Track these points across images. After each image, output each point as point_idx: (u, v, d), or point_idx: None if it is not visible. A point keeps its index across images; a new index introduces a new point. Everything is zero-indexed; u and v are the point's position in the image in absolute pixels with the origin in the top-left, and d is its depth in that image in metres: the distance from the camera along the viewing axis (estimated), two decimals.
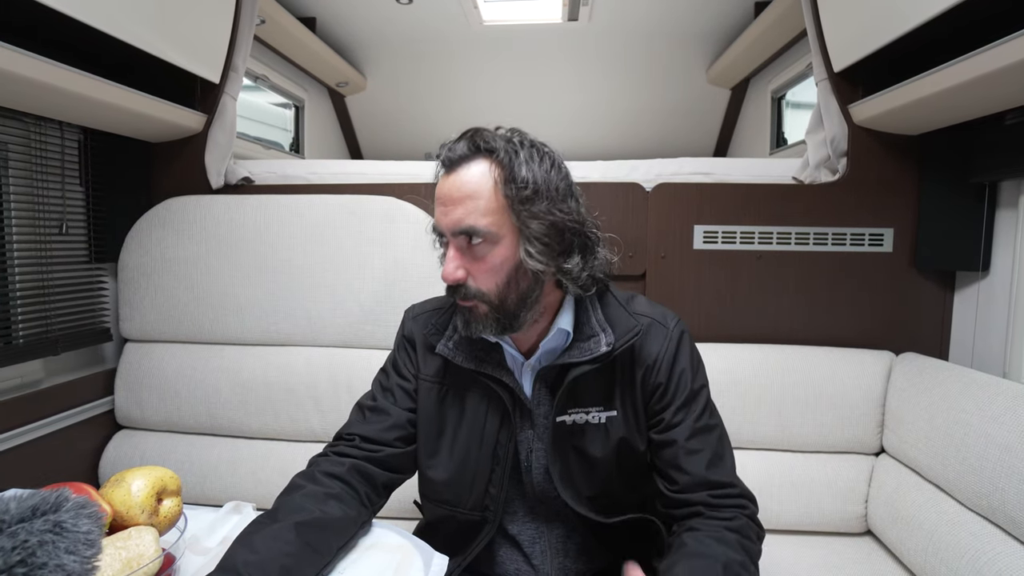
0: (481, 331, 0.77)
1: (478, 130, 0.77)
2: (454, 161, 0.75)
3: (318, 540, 0.69)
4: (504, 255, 0.74)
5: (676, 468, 0.79)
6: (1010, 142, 1.18)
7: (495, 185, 0.73)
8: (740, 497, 0.78)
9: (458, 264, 0.75)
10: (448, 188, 0.75)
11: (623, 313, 0.83)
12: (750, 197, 1.44)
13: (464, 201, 0.73)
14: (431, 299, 0.95)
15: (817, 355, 1.36)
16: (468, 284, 0.75)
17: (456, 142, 0.76)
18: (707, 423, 0.81)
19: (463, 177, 0.74)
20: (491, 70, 2.73)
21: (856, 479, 1.29)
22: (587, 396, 0.81)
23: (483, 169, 0.74)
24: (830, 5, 1.37)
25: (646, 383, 0.82)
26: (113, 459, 1.43)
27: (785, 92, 2.41)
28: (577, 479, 0.83)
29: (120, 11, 1.15)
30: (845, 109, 1.40)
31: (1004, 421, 0.97)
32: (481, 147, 0.75)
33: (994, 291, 1.29)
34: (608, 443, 0.82)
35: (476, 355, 0.82)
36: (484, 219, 0.73)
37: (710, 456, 0.78)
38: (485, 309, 0.76)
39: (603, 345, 0.78)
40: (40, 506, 0.56)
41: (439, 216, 0.76)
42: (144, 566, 0.58)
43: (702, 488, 0.77)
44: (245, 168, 1.60)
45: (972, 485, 0.99)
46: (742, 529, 0.74)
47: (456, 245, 0.75)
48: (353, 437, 0.84)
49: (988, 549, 0.94)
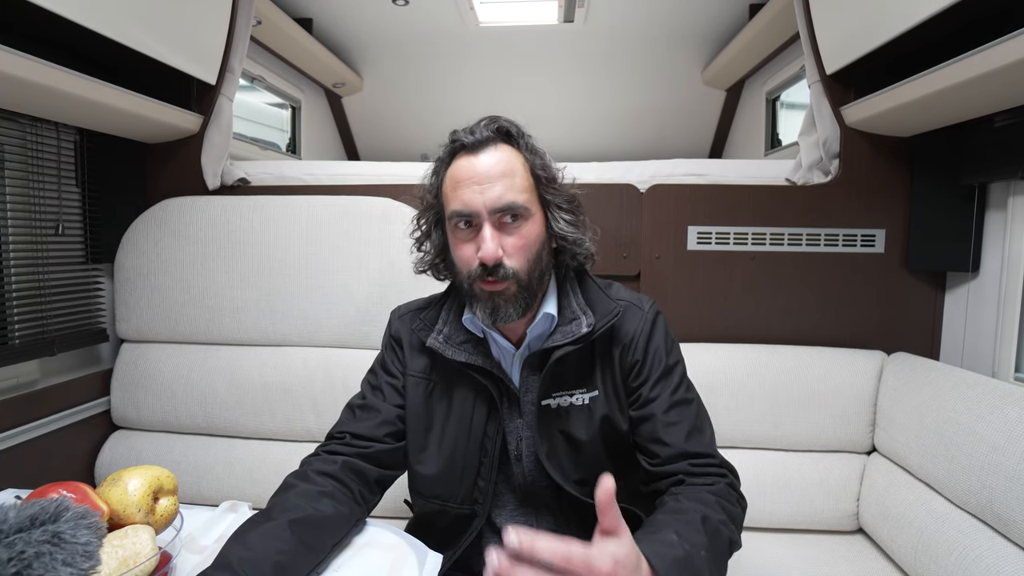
0: (510, 315, 0.78)
1: (495, 117, 0.81)
2: (480, 143, 0.78)
3: (312, 537, 0.70)
4: (536, 231, 0.79)
5: (656, 441, 0.80)
6: (1000, 144, 1.20)
7: (524, 165, 0.79)
8: (720, 467, 0.79)
9: (498, 243, 0.76)
10: (481, 167, 0.76)
11: (603, 297, 0.85)
12: (744, 198, 1.45)
13: (502, 178, 0.76)
14: (415, 300, 0.97)
15: (809, 355, 1.38)
16: (504, 263, 0.76)
17: (476, 126, 0.79)
18: (684, 396, 0.83)
19: (496, 157, 0.77)
20: (487, 71, 2.74)
21: (848, 478, 1.30)
22: (570, 379, 0.83)
23: (511, 152, 0.79)
24: (822, 8, 1.38)
25: (624, 361, 0.84)
26: (109, 459, 1.43)
27: (780, 93, 2.42)
28: (564, 462, 0.84)
29: (116, 13, 1.15)
30: (837, 111, 1.42)
31: (992, 420, 0.98)
32: (506, 131, 0.79)
33: (984, 291, 1.31)
34: (592, 424, 0.83)
35: (465, 348, 0.84)
36: (522, 195, 0.77)
37: (688, 428, 0.80)
38: (515, 289, 0.77)
39: (584, 326, 0.80)
40: (39, 516, 0.55)
41: (471, 196, 0.76)
42: (140, 564, 0.58)
43: (682, 459, 0.78)
44: (241, 169, 1.61)
45: (961, 483, 1.01)
46: (721, 492, 0.75)
47: (492, 223, 0.76)
48: (344, 435, 0.85)
49: (976, 546, 0.95)
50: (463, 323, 0.85)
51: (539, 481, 0.86)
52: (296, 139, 2.71)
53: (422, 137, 3.00)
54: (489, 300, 0.78)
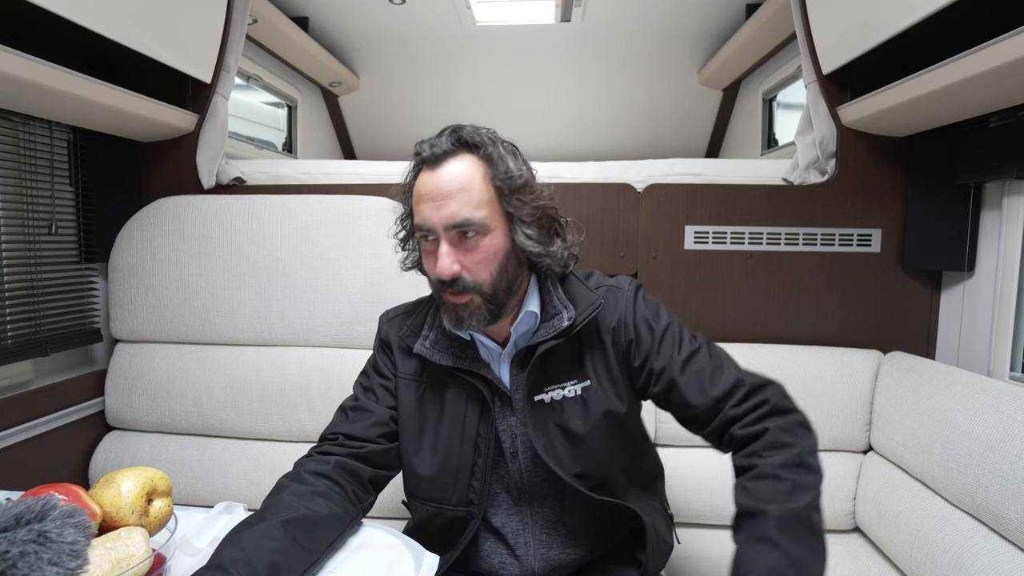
0: (474, 325, 0.78)
1: (458, 126, 0.79)
2: (438, 156, 0.76)
3: (306, 537, 0.69)
4: (497, 244, 0.77)
5: (687, 406, 0.80)
6: (995, 144, 1.20)
7: (484, 176, 0.76)
8: (757, 392, 0.77)
9: (453, 259, 0.75)
10: (436, 183, 0.75)
11: (584, 289, 0.85)
12: (740, 198, 1.45)
13: (456, 194, 0.74)
14: (403, 303, 0.97)
15: (806, 354, 1.38)
16: (463, 277, 0.76)
17: (438, 138, 0.78)
18: (691, 350, 0.82)
19: (451, 171, 0.76)
20: (484, 71, 2.73)
21: (844, 476, 1.30)
22: (559, 372, 0.84)
23: (470, 162, 0.77)
24: (819, 8, 1.38)
25: (617, 345, 0.84)
26: (103, 460, 1.42)
27: (776, 94, 2.42)
28: (563, 455, 0.83)
29: (110, 10, 1.14)
30: (834, 111, 1.42)
31: (987, 419, 0.98)
32: (466, 141, 0.77)
33: (979, 291, 1.31)
34: (588, 416, 0.83)
35: (453, 352, 0.84)
36: (479, 211, 0.75)
37: (710, 373, 0.79)
38: (479, 301, 0.77)
39: (565, 320, 0.80)
40: (24, 515, 0.54)
41: (427, 212, 0.76)
42: (134, 567, 0.58)
43: (715, 409, 0.78)
44: (237, 168, 1.60)
45: (956, 482, 1.01)
46: (782, 452, 0.70)
47: (449, 240, 0.76)
48: (336, 436, 0.85)
49: (972, 545, 0.95)
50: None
51: (536, 477, 0.86)
52: (292, 138, 2.70)
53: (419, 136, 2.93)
54: (453, 310, 0.78)
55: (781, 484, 0.68)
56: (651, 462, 1.01)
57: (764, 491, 0.68)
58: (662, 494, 1.01)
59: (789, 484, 0.67)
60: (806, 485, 0.68)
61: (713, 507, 1.31)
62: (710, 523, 1.32)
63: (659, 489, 1.01)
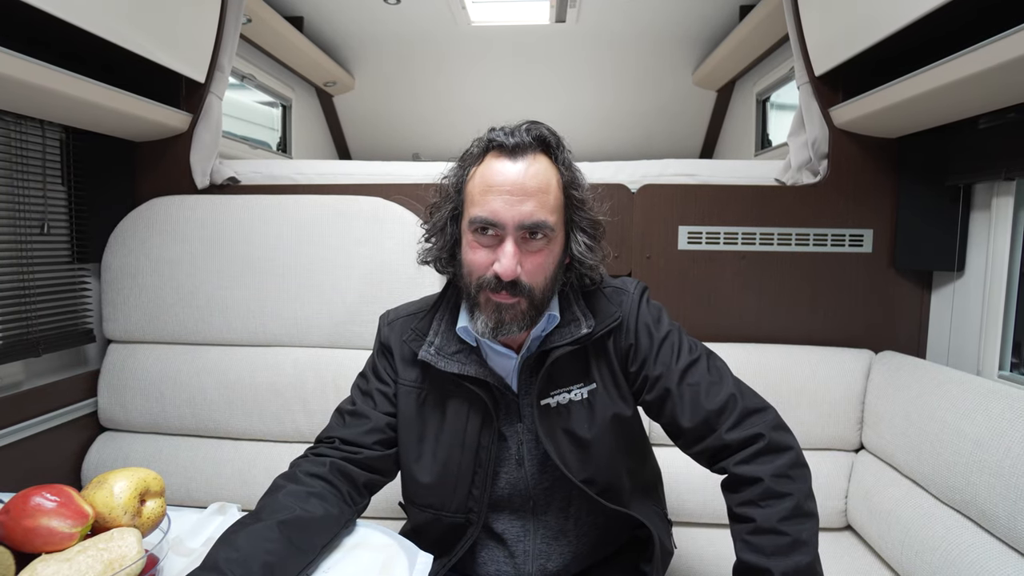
0: (512, 331, 0.76)
1: (536, 123, 0.77)
2: (519, 148, 0.74)
3: (301, 538, 0.69)
4: (557, 251, 0.77)
5: (679, 419, 0.79)
6: (983, 146, 1.21)
7: (558, 181, 0.76)
8: (748, 418, 0.77)
9: (519, 259, 0.73)
10: (518, 177, 0.73)
11: (603, 299, 0.85)
12: (733, 198, 1.46)
13: (537, 194, 0.73)
14: (406, 304, 0.95)
15: (798, 354, 1.39)
16: (521, 280, 0.74)
17: (519, 128, 0.75)
18: (688, 361, 0.82)
19: (533, 169, 0.74)
20: (479, 71, 2.73)
21: (836, 475, 1.32)
22: (566, 376, 0.83)
23: (548, 165, 0.76)
24: (811, 10, 1.39)
25: (618, 349, 0.84)
26: (96, 461, 1.41)
27: (770, 94, 2.44)
28: (570, 460, 0.82)
29: (104, 10, 1.14)
30: (826, 112, 1.43)
31: (976, 417, 1.00)
32: (547, 141, 0.76)
33: (969, 291, 1.33)
34: (595, 420, 0.83)
35: (459, 359, 0.82)
36: (552, 215, 0.75)
37: (705, 389, 0.79)
38: (525, 306, 0.76)
39: (584, 328, 0.80)
40: None
41: (498, 205, 0.72)
42: (126, 567, 0.57)
43: (708, 428, 0.78)
44: (231, 168, 1.59)
45: (946, 480, 1.02)
46: (771, 495, 0.72)
47: (516, 238, 0.73)
48: (333, 440, 0.84)
49: (961, 542, 0.96)
50: (457, 332, 0.83)
51: (542, 484, 0.85)
52: (287, 138, 2.69)
53: (413, 136, 3.00)
54: (495, 312, 0.75)
55: (782, 539, 0.69)
56: (652, 466, 1.01)
57: (767, 546, 0.69)
58: (662, 499, 1.01)
59: (790, 539, 0.69)
60: (806, 537, 0.70)
61: (707, 507, 1.32)
62: (705, 522, 1.33)
63: (659, 494, 1.01)
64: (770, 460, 0.74)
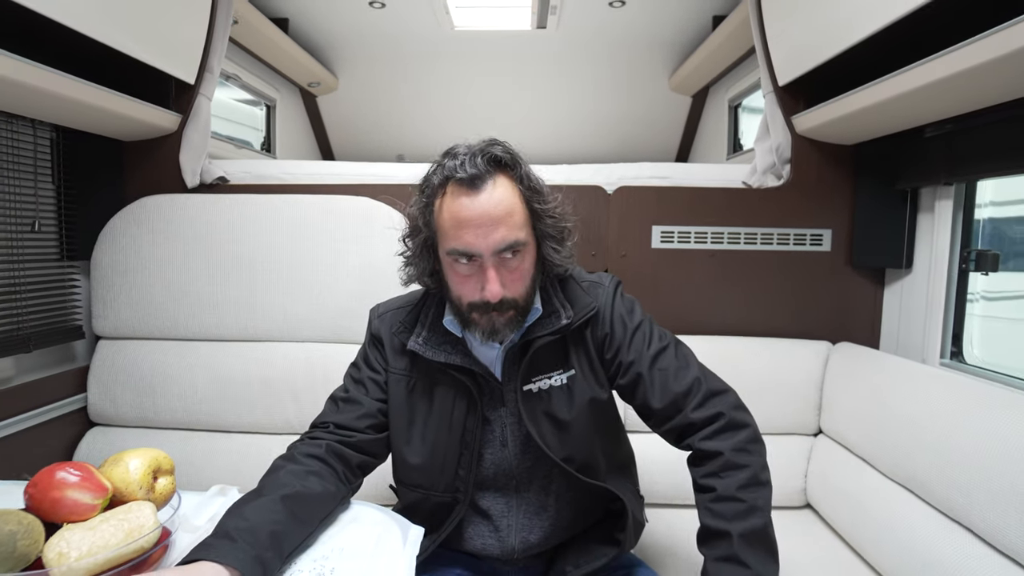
0: (508, 333, 0.83)
1: (489, 144, 0.79)
2: (478, 179, 0.76)
3: (302, 511, 0.75)
4: (531, 260, 0.83)
5: (650, 401, 0.87)
6: (928, 153, 1.32)
7: (520, 197, 0.80)
8: (711, 398, 0.85)
9: (501, 281, 0.78)
10: (483, 208, 0.76)
11: (579, 291, 0.92)
12: (704, 200, 1.55)
13: (505, 219, 0.76)
14: (394, 298, 1.00)
15: (763, 345, 1.49)
16: (506, 297, 0.79)
17: (473, 158, 0.77)
18: (659, 348, 0.89)
19: (497, 196, 0.77)
20: (462, 75, 2.79)
21: (797, 457, 1.42)
22: (546, 363, 0.89)
23: (507, 184, 0.79)
24: (774, 24, 1.49)
25: (595, 337, 0.91)
26: (86, 455, 1.43)
27: (741, 101, 2.55)
28: (551, 441, 0.89)
29: (95, 11, 1.16)
30: (789, 120, 1.53)
31: (917, 400, 1.10)
32: (502, 162, 0.79)
33: (915, 286, 1.44)
34: (574, 404, 0.89)
35: (445, 349, 0.89)
36: (521, 232, 0.79)
37: (674, 373, 0.87)
38: (514, 314, 0.82)
39: (563, 319, 0.87)
40: None
41: (472, 238, 0.76)
42: (145, 535, 0.63)
43: (676, 408, 0.85)
44: (220, 167, 1.63)
45: (892, 457, 1.12)
46: (730, 467, 0.80)
47: (493, 263, 0.78)
48: (327, 424, 0.90)
49: (904, 513, 1.06)
50: (443, 324, 0.89)
51: (525, 463, 0.92)
52: (271, 138, 2.71)
53: (397, 138, 3.04)
54: (489, 324, 0.81)
55: (740, 505, 0.77)
56: (625, 448, 1.08)
57: (727, 512, 0.77)
58: (635, 477, 1.09)
59: (747, 505, 0.77)
60: (762, 503, 0.78)
61: (678, 488, 1.40)
62: (676, 503, 1.41)
63: (632, 473, 1.08)
64: (730, 436, 0.83)
